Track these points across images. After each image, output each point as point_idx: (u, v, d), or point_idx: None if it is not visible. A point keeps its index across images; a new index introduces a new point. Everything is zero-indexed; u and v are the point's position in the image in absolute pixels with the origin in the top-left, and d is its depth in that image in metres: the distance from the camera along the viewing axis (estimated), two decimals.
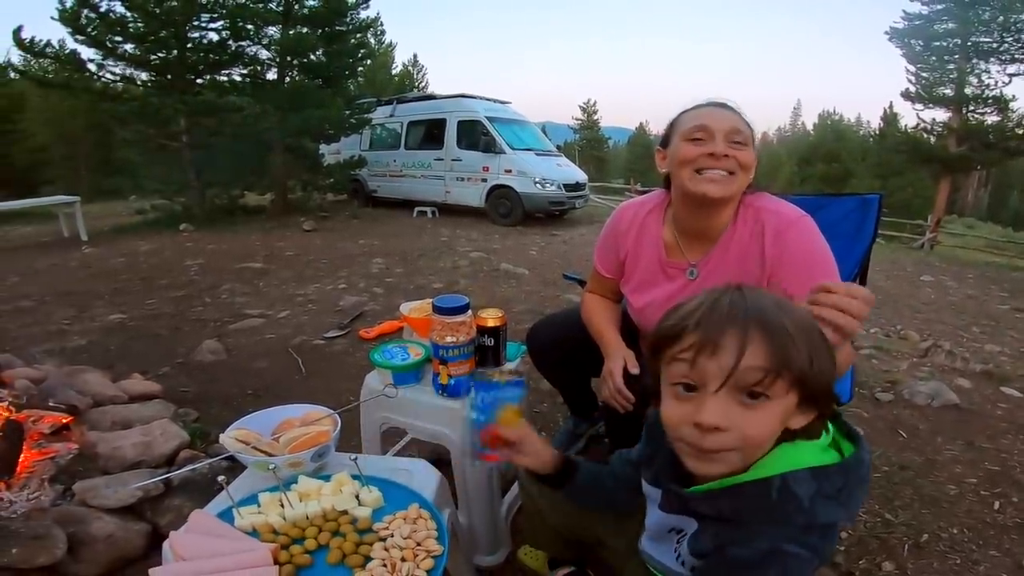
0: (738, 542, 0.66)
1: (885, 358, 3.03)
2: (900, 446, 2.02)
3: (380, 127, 10.30)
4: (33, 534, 1.31)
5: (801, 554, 0.63)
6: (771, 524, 0.65)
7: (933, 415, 2.27)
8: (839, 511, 0.65)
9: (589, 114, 46.89)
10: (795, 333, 0.62)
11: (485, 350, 1.34)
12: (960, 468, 1.88)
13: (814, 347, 0.63)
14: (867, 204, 1.63)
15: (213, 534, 0.81)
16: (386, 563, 0.74)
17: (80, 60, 8.09)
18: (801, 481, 0.64)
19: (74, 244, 6.76)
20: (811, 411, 0.67)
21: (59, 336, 3.26)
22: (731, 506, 0.67)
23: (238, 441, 0.93)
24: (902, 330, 3.79)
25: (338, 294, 4.18)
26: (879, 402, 2.39)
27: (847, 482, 0.66)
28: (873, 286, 4.46)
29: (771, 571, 0.63)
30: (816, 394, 0.65)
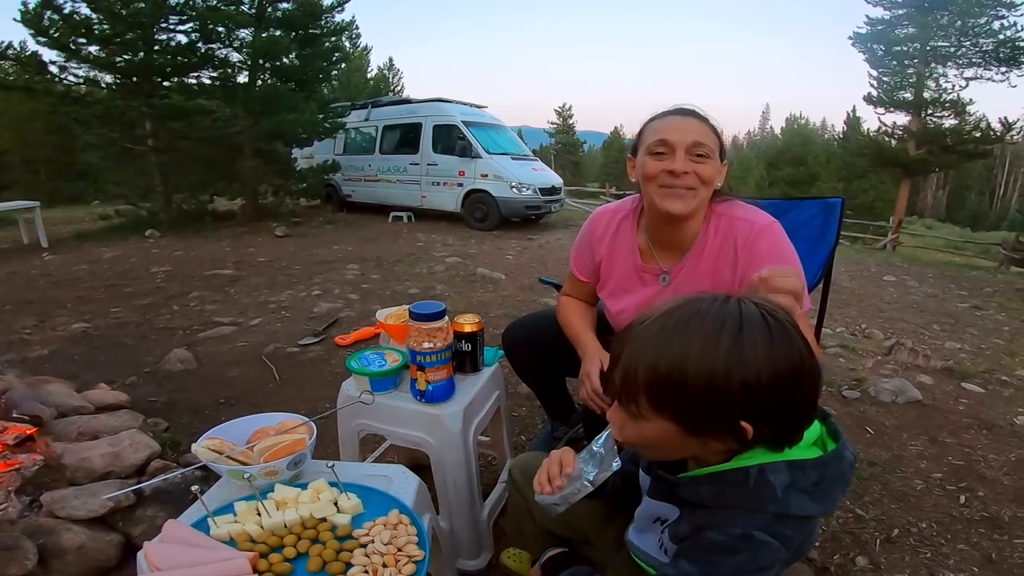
0: (713, 526, 0.68)
1: (851, 357, 3.12)
2: (868, 442, 2.08)
3: (355, 131, 10.19)
4: (2, 546, 1.28)
5: (771, 543, 0.65)
6: (746, 511, 0.67)
7: (898, 412, 2.34)
8: (812, 505, 0.67)
9: (565, 118, 47.28)
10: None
11: (463, 355, 1.35)
12: (926, 463, 1.94)
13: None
14: (830, 208, 1.69)
15: (189, 543, 0.80)
16: (367, 569, 0.74)
17: (42, 62, 7.81)
18: (777, 472, 0.67)
19: (34, 251, 6.51)
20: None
21: (20, 346, 3.14)
22: (710, 492, 0.70)
23: (211, 451, 0.92)
24: (867, 329, 3.91)
25: (312, 301, 4.12)
26: (846, 400, 2.46)
27: (822, 477, 0.68)
28: (838, 287, 4.62)
29: (741, 556, 0.66)
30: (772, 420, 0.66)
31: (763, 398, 0.63)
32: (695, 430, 0.67)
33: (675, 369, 0.64)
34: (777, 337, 0.64)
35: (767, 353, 0.63)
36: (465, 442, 1.23)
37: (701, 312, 0.66)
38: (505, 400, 1.57)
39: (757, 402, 0.63)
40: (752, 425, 0.64)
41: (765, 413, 0.64)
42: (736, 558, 0.66)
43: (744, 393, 0.62)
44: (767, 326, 0.64)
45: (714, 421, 0.65)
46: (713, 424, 0.66)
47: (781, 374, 0.63)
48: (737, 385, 0.62)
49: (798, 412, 0.67)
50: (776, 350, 0.63)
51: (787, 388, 0.64)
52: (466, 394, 1.29)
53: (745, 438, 0.65)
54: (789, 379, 0.64)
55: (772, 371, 0.62)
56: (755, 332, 0.63)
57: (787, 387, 0.64)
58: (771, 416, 0.65)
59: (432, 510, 1.02)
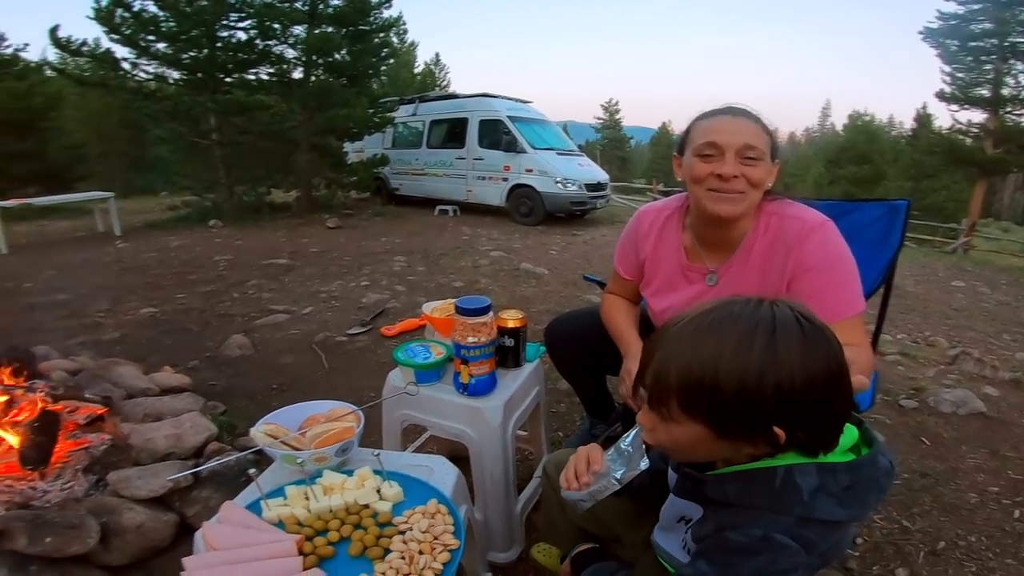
0: (735, 526, 0.67)
1: (912, 365, 2.97)
2: (922, 453, 2.00)
3: (403, 126, 10.39)
4: (67, 523, 1.33)
5: (791, 547, 0.64)
6: (769, 512, 0.66)
7: (958, 423, 2.23)
8: (840, 510, 0.65)
9: (611, 113, 46.60)
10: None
11: (505, 351, 1.37)
12: (983, 476, 1.86)
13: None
14: (895, 210, 1.61)
15: (243, 525, 0.85)
16: (404, 556, 0.77)
17: (115, 59, 8.29)
18: (806, 474, 0.66)
19: (108, 239, 6.97)
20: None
21: (94, 329, 3.38)
22: (736, 490, 0.69)
23: (267, 435, 0.97)
24: (931, 337, 3.71)
25: (361, 291, 4.25)
26: (903, 409, 2.36)
27: (854, 482, 0.66)
28: (903, 291, 4.40)
29: (760, 558, 0.65)
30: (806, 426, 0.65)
31: (797, 402, 0.62)
32: (726, 434, 0.66)
33: (707, 372, 0.63)
34: (811, 340, 0.63)
35: (801, 356, 0.61)
36: (504, 436, 1.26)
37: (734, 315, 0.65)
38: (544, 396, 1.59)
39: (790, 406, 0.62)
40: (785, 430, 0.63)
41: (799, 417, 0.63)
42: (755, 560, 0.65)
43: (777, 397, 0.61)
44: (801, 329, 0.63)
45: (746, 425, 0.65)
46: (745, 428, 0.65)
47: (815, 378, 0.62)
48: (770, 389, 0.61)
49: (832, 417, 0.66)
50: (810, 353, 0.62)
51: (821, 392, 0.63)
52: (507, 389, 1.31)
53: (778, 443, 0.64)
54: (823, 383, 0.63)
55: (806, 375, 0.61)
56: (789, 335, 0.62)
57: (821, 391, 0.63)
58: (805, 421, 0.64)
59: (469, 502, 1.05)
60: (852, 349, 1.09)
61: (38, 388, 1.87)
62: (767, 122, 1.19)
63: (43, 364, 2.13)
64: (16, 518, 1.31)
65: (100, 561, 1.35)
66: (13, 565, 1.26)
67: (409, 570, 0.75)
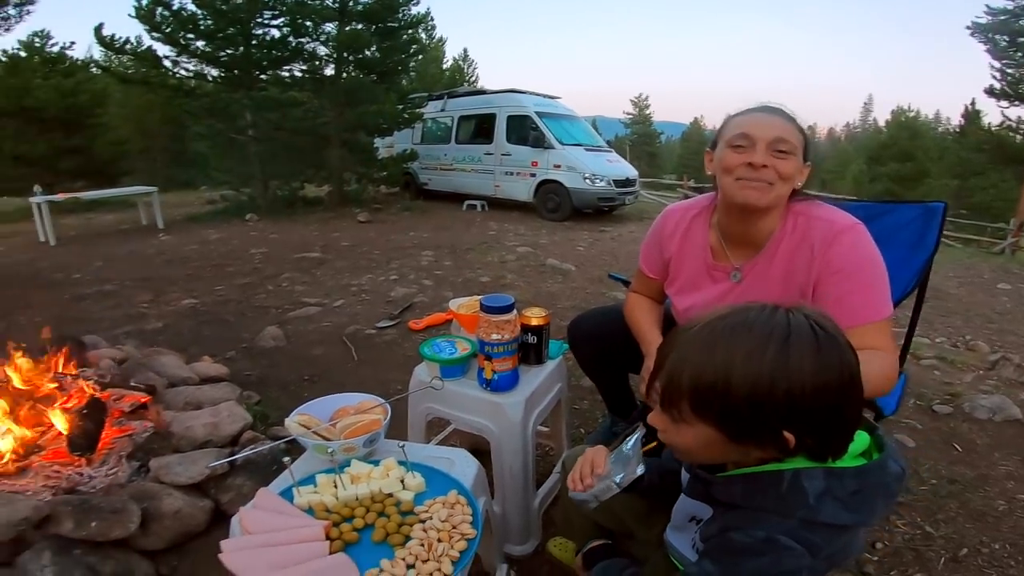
0: (740, 527, 0.68)
1: (949, 370, 2.88)
2: (953, 460, 1.96)
3: (431, 121, 10.49)
4: (111, 508, 1.39)
5: (795, 549, 0.65)
6: (775, 514, 0.67)
7: (993, 430, 2.17)
8: (846, 514, 0.66)
9: (641, 108, 45.97)
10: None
11: (528, 347, 1.40)
12: (1013, 484, 1.82)
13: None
14: (931, 213, 1.57)
15: (275, 511, 0.91)
16: (423, 543, 0.81)
17: (156, 57, 8.60)
18: (813, 478, 0.66)
19: (151, 232, 7.24)
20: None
21: (139, 319, 3.54)
22: (743, 492, 0.71)
23: (301, 425, 1.03)
24: (971, 341, 3.57)
25: (389, 285, 4.33)
26: (936, 414, 2.30)
27: (861, 487, 0.67)
28: (944, 293, 4.25)
29: (764, 559, 0.66)
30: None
31: (807, 409, 0.63)
32: (737, 437, 0.67)
33: (719, 376, 0.64)
34: (825, 348, 0.63)
35: (813, 364, 0.62)
36: (524, 431, 1.29)
37: (748, 321, 0.66)
38: (567, 393, 1.62)
39: (801, 412, 0.63)
40: (795, 435, 0.64)
41: (809, 423, 0.64)
42: (758, 561, 0.66)
43: (788, 403, 0.62)
44: (815, 337, 0.63)
45: (756, 429, 0.65)
46: (755, 432, 0.66)
47: (827, 386, 0.63)
48: (781, 394, 0.62)
49: (843, 424, 0.66)
50: (823, 361, 0.63)
51: (833, 400, 0.63)
52: (529, 385, 1.34)
53: (787, 448, 0.65)
54: (835, 391, 0.63)
55: (817, 382, 0.62)
56: (803, 343, 0.63)
57: (833, 399, 0.63)
58: (815, 427, 0.64)
59: (488, 494, 1.09)
60: (877, 354, 1.09)
61: (87, 376, 1.97)
62: (802, 123, 1.19)
63: (92, 353, 2.24)
64: (64, 503, 1.38)
65: (138, 545, 1.42)
66: (58, 548, 1.32)
67: (427, 556, 0.79)
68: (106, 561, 1.33)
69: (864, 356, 1.09)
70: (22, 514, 1.30)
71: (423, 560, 0.79)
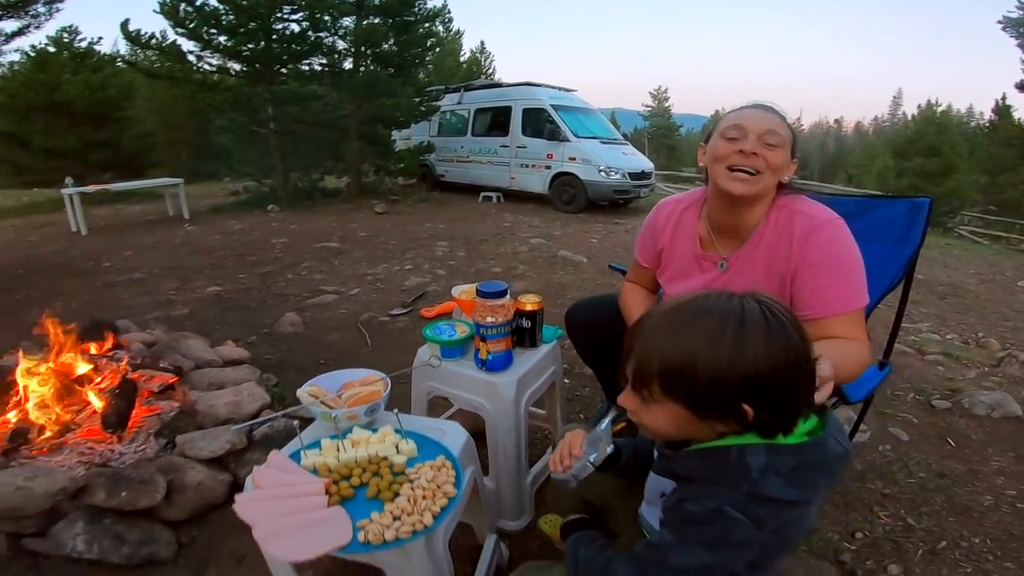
0: (693, 499, 0.75)
1: (953, 366, 2.89)
2: (945, 454, 1.99)
3: (448, 114, 10.58)
4: (140, 479, 1.49)
5: (741, 520, 0.71)
6: (723, 486, 0.73)
7: (990, 426, 2.19)
8: (787, 489, 0.71)
9: (660, 101, 45.45)
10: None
11: (523, 331, 1.48)
12: (1003, 480, 1.84)
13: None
14: (917, 208, 1.62)
15: (284, 469, 1.02)
16: (410, 499, 0.92)
17: (181, 52, 8.78)
18: (756, 453, 0.73)
19: (177, 222, 7.47)
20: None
21: (166, 305, 3.72)
22: (697, 466, 0.78)
23: (310, 395, 1.14)
24: (983, 338, 3.55)
25: (404, 275, 4.45)
26: (934, 409, 2.33)
27: (800, 463, 0.72)
28: (963, 290, 4.21)
29: (713, 528, 0.72)
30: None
31: (763, 386, 0.70)
32: (702, 413, 0.74)
33: (686, 360, 0.71)
34: (775, 331, 0.70)
35: (766, 347, 0.69)
36: (517, 409, 1.38)
37: (708, 308, 0.73)
38: (561, 376, 1.70)
39: (757, 389, 0.70)
40: (753, 409, 0.71)
41: (764, 399, 0.71)
42: (708, 530, 0.73)
43: (746, 381, 0.69)
44: (766, 321, 0.70)
45: (719, 405, 0.72)
46: (718, 408, 0.73)
47: (779, 366, 0.69)
48: (739, 375, 0.69)
49: (794, 399, 0.73)
50: (774, 344, 0.70)
51: (784, 376, 0.70)
52: (522, 366, 1.43)
53: (747, 420, 0.72)
54: (786, 369, 0.70)
55: (770, 363, 0.69)
56: (756, 328, 0.70)
57: (784, 375, 0.70)
58: (769, 402, 0.71)
59: (477, 463, 1.18)
60: (847, 342, 1.16)
61: (120, 358, 2.11)
62: (791, 122, 1.26)
63: (124, 336, 2.37)
64: (97, 474, 1.49)
65: (162, 516, 1.52)
66: (90, 517, 1.44)
67: (412, 510, 0.90)
68: (132, 529, 1.44)
69: (834, 344, 1.17)
70: (60, 484, 1.42)
71: (408, 513, 0.89)
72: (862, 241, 1.62)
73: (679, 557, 0.75)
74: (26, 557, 1.43)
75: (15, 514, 1.39)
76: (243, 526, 1.52)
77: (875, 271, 1.62)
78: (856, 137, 59.20)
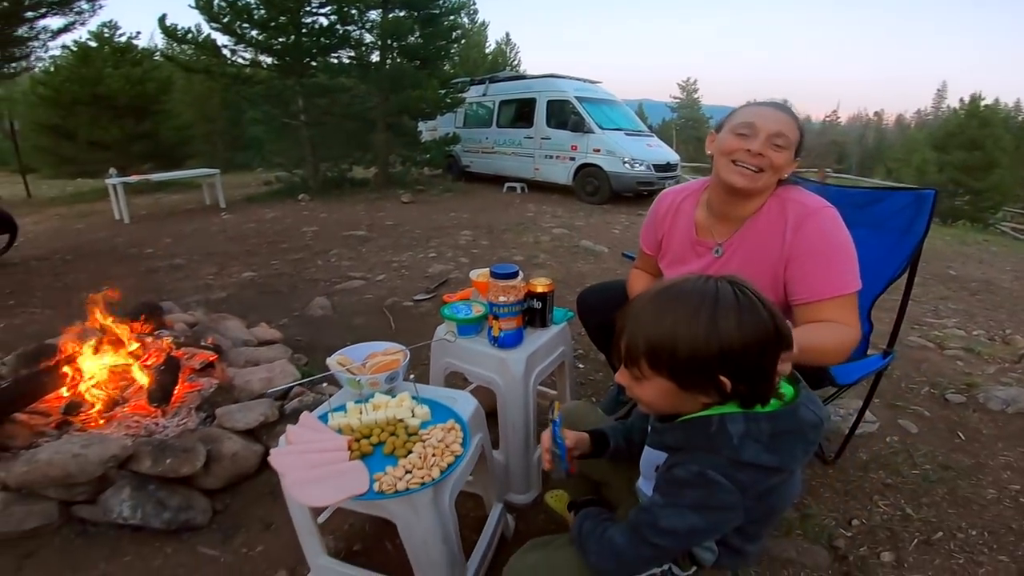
0: (680, 464, 0.82)
1: (973, 360, 2.87)
2: (953, 447, 1.99)
3: (474, 105, 10.68)
4: (183, 448, 1.61)
5: (723, 484, 0.78)
6: (706, 452, 0.80)
7: (1003, 421, 2.18)
8: (766, 456, 0.78)
9: (689, 93, 44.66)
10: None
11: (534, 312, 1.58)
12: (1008, 475, 1.84)
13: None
14: (921, 199, 1.65)
15: (313, 428, 1.15)
16: (421, 456, 1.04)
17: (215, 46, 9.08)
18: (735, 421, 0.80)
19: (214, 211, 7.76)
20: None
21: (205, 289, 3.93)
22: (684, 436, 0.85)
23: (339, 363, 1.27)
24: (1010, 335, 3.50)
25: (428, 262, 4.58)
26: (948, 403, 2.32)
27: (776, 430, 0.79)
28: (995, 287, 4.13)
29: (697, 491, 0.79)
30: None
31: (736, 360, 0.77)
32: (685, 386, 0.81)
33: (666, 338, 0.79)
34: (746, 311, 0.77)
35: (737, 323, 0.76)
36: (526, 385, 1.48)
37: (686, 291, 0.81)
38: (571, 357, 1.79)
39: (732, 363, 0.77)
40: (730, 380, 0.78)
41: (739, 372, 0.78)
42: (693, 492, 0.79)
43: (721, 355, 0.76)
44: (737, 301, 0.78)
45: (699, 378, 0.80)
46: (699, 380, 0.80)
47: (749, 341, 0.76)
48: (715, 349, 0.76)
49: (764, 371, 0.80)
50: (744, 321, 0.76)
51: (755, 350, 0.77)
52: (532, 344, 1.52)
53: (725, 392, 0.79)
54: (757, 344, 0.77)
55: (742, 339, 0.76)
56: (728, 307, 0.77)
57: (757, 351, 0.77)
58: (744, 374, 0.79)
59: (485, 431, 1.29)
60: (834, 326, 1.23)
61: (165, 337, 2.28)
62: (800, 123, 1.31)
63: (168, 317, 2.56)
64: (145, 443, 1.63)
65: (200, 484, 1.63)
66: (137, 484, 1.55)
67: (422, 465, 1.01)
68: (173, 496, 1.56)
69: (821, 327, 1.24)
70: (112, 452, 1.55)
71: (418, 468, 1.01)
72: (869, 231, 1.68)
73: (667, 519, 0.82)
74: (75, 524, 1.54)
75: (69, 481, 1.50)
76: (271, 495, 1.68)
77: (880, 260, 1.67)
78: (898, 130, 57.11)
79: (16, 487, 1.52)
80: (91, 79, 13.03)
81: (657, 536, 0.83)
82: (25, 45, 6.03)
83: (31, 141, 14.35)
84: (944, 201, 17.80)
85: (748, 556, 0.94)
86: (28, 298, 3.82)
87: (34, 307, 3.62)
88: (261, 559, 1.47)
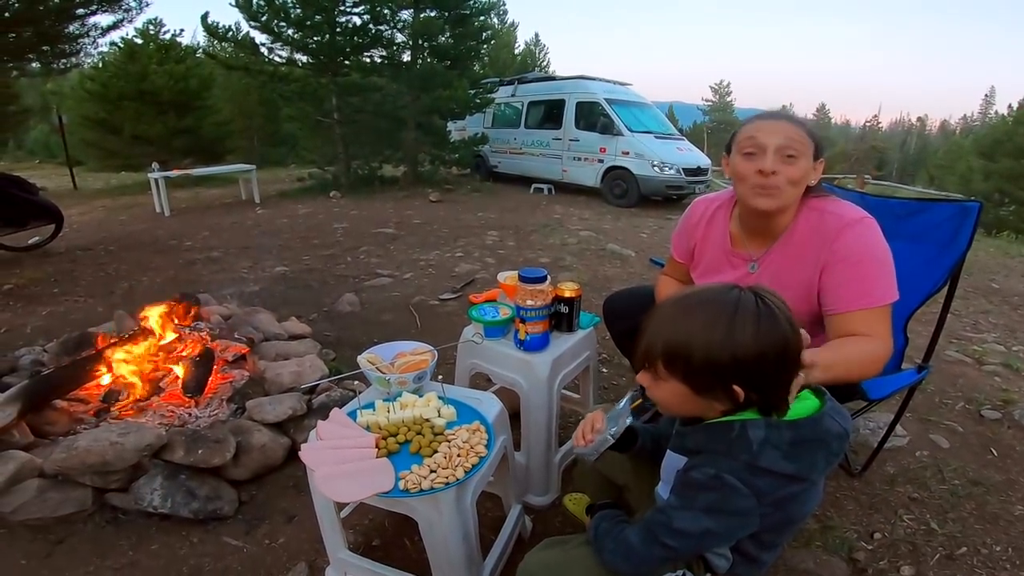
0: (697, 467, 0.83)
1: (1011, 377, 2.77)
2: (984, 463, 1.94)
3: (503, 106, 10.72)
4: (215, 438, 1.64)
5: (738, 488, 0.78)
6: (724, 456, 0.81)
7: None
8: (785, 463, 0.78)
9: (721, 95, 43.89)
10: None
11: (560, 316, 1.59)
12: None
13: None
14: (966, 212, 1.60)
15: (342, 425, 1.19)
16: (446, 456, 1.06)
17: (254, 44, 9.35)
18: (756, 427, 0.80)
19: (250, 206, 7.96)
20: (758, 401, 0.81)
21: (240, 282, 4.04)
22: (704, 439, 0.86)
23: (368, 362, 1.31)
24: None
25: (455, 261, 4.62)
26: (983, 419, 2.25)
27: (797, 439, 0.79)
28: None
29: (712, 494, 0.80)
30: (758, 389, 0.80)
31: (750, 369, 0.78)
32: (700, 391, 0.83)
33: (683, 342, 0.80)
34: (764, 322, 0.78)
35: (754, 335, 0.76)
36: (550, 388, 1.49)
37: (708, 298, 0.82)
38: (596, 362, 1.79)
39: (745, 372, 0.78)
40: (743, 390, 0.79)
41: (752, 381, 0.79)
42: (708, 495, 0.80)
43: (734, 364, 0.77)
44: (757, 311, 0.78)
45: (713, 384, 0.81)
46: (712, 386, 0.81)
47: (765, 351, 0.77)
48: (728, 358, 0.76)
49: (780, 382, 0.81)
50: (762, 332, 0.77)
51: (771, 363, 0.78)
52: (558, 348, 1.54)
53: (738, 400, 0.80)
54: (773, 356, 0.78)
55: (757, 350, 0.76)
56: (747, 317, 0.77)
57: (771, 362, 0.78)
58: (758, 384, 0.79)
59: (508, 433, 1.31)
60: (865, 339, 1.20)
61: (202, 328, 2.35)
62: (809, 126, 1.29)
63: (205, 309, 2.63)
64: (179, 433, 1.67)
65: (228, 475, 1.67)
66: (169, 473, 1.59)
67: (447, 465, 1.04)
68: (202, 486, 1.59)
69: (852, 341, 1.21)
70: (148, 440, 1.59)
71: (443, 467, 1.04)
72: (910, 243, 1.64)
73: (682, 521, 0.82)
74: (106, 511, 1.57)
75: (105, 468, 1.53)
76: (295, 487, 1.71)
77: (919, 273, 1.63)
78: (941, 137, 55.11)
79: (53, 473, 1.57)
80: (137, 75, 13.53)
81: (670, 537, 0.84)
82: (76, 42, 6.28)
83: (78, 135, 14.95)
84: (989, 211, 17.12)
85: (763, 565, 0.94)
86: (72, 287, 3.97)
87: (78, 295, 3.77)
88: (282, 550, 1.51)
